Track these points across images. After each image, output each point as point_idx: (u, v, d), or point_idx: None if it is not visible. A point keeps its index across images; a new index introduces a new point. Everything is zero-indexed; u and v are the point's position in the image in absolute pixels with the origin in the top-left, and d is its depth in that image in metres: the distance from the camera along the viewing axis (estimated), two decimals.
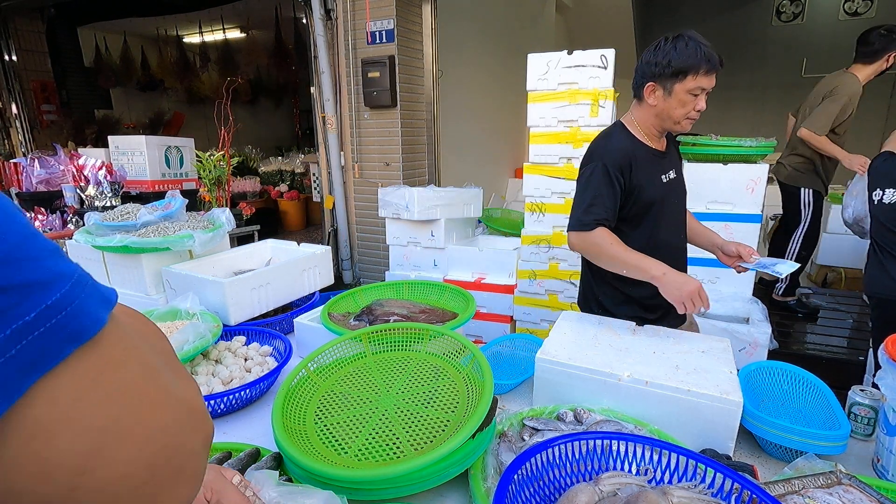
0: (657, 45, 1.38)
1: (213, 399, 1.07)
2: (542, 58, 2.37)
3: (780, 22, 8.27)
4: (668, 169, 1.51)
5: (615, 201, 1.42)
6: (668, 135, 1.56)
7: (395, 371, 1.04)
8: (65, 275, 0.26)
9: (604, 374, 1.03)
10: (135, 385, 0.29)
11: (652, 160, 1.48)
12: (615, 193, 1.42)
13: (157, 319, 1.39)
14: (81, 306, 0.26)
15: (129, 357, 0.29)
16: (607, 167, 1.41)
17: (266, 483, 0.66)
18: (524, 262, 2.63)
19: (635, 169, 1.43)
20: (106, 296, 0.29)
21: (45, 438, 0.24)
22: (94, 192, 3.01)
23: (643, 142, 1.48)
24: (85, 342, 0.26)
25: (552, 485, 0.76)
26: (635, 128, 1.49)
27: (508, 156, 6.50)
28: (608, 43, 2.65)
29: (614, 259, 1.38)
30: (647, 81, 1.40)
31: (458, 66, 4.74)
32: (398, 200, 2.79)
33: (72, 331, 0.25)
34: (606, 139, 1.50)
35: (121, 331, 0.29)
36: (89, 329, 0.26)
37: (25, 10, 5.47)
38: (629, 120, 1.51)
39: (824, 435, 0.90)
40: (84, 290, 0.27)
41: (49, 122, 5.88)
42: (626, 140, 1.47)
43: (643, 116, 1.47)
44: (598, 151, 1.47)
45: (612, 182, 1.41)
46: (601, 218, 1.39)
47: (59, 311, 0.24)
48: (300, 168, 6.19)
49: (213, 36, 7.20)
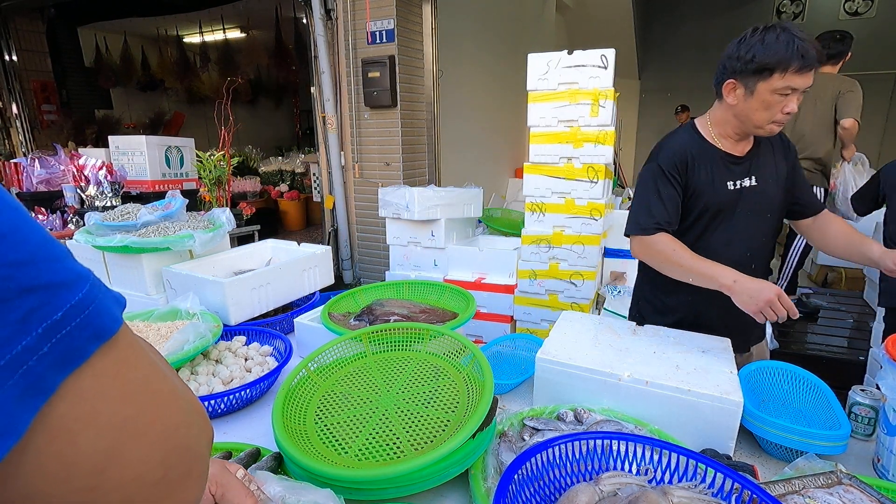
0: (742, 38, 1.24)
1: (214, 399, 1.07)
2: (543, 58, 2.37)
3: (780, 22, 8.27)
4: (743, 175, 1.35)
5: (676, 203, 1.33)
6: (773, 138, 1.38)
7: (396, 371, 1.04)
8: (83, 275, 0.26)
9: (604, 373, 1.03)
10: (148, 384, 0.29)
11: (719, 164, 1.34)
12: (674, 195, 1.33)
13: (158, 319, 1.39)
14: (102, 305, 0.27)
15: (141, 357, 0.29)
16: (662, 168, 1.33)
17: (269, 479, 0.66)
18: (524, 262, 2.63)
19: (694, 169, 1.33)
20: (118, 298, 0.30)
21: (68, 438, 0.24)
22: (94, 192, 3.01)
23: (712, 143, 1.36)
24: (106, 340, 0.27)
25: (552, 485, 0.76)
26: (707, 128, 1.38)
27: (508, 156, 6.51)
28: (608, 43, 2.65)
29: (679, 266, 1.27)
30: (727, 78, 1.27)
31: (458, 66, 4.74)
32: (398, 200, 2.79)
33: (95, 329, 0.26)
34: (667, 138, 1.41)
35: (131, 332, 0.30)
36: (110, 327, 0.27)
37: (25, 10, 5.47)
38: (703, 119, 1.40)
39: (825, 435, 0.90)
40: (101, 291, 0.27)
41: (49, 122, 5.88)
42: (689, 139, 1.36)
43: (720, 116, 1.35)
44: (656, 151, 1.40)
45: (669, 182, 1.32)
46: (662, 221, 1.31)
47: (83, 309, 0.25)
48: (300, 168, 6.20)
49: (214, 36, 7.20)
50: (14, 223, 0.23)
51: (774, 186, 1.38)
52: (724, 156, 1.35)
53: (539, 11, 6.63)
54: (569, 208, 2.46)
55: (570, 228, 2.48)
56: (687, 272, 1.26)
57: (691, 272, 1.25)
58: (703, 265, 1.23)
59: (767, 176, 1.37)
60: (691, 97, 8.95)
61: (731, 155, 1.36)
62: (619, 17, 7.47)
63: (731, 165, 1.35)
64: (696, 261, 1.25)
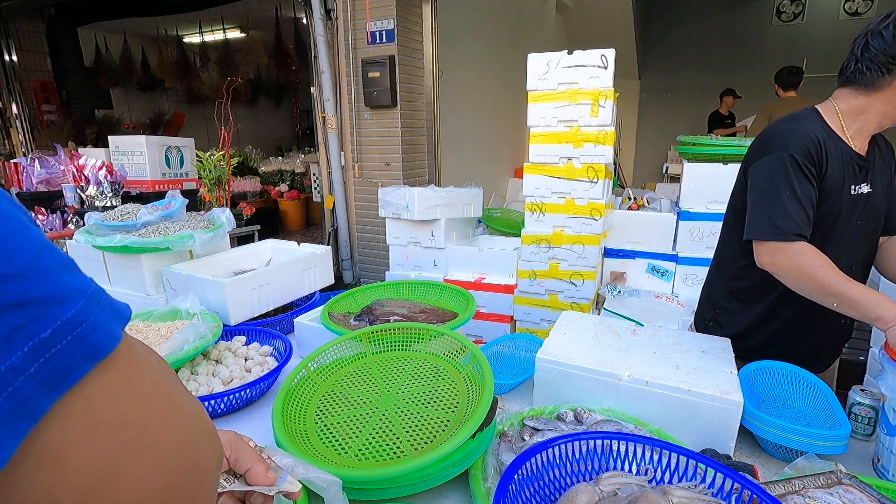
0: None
1: (213, 399, 1.07)
2: (542, 58, 2.37)
3: (780, 22, 8.27)
4: (863, 181, 1.19)
5: (813, 204, 1.12)
6: (877, 136, 1.24)
7: (395, 371, 1.04)
8: (80, 290, 0.25)
9: (604, 373, 1.03)
10: (149, 403, 0.28)
11: (848, 164, 1.17)
12: (812, 194, 1.12)
13: (157, 319, 1.39)
14: (97, 322, 0.25)
15: (144, 374, 0.28)
16: (796, 159, 1.11)
17: (278, 451, 0.67)
18: (524, 262, 2.63)
19: (827, 165, 1.14)
20: (120, 311, 0.28)
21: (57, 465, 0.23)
22: (94, 192, 3.01)
23: (843, 139, 1.18)
24: (102, 359, 0.25)
25: (552, 485, 0.76)
26: (837, 120, 1.18)
27: (508, 156, 6.50)
28: (608, 43, 2.65)
29: (826, 288, 1.06)
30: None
31: (458, 66, 4.74)
32: (398, 200, 2.79)
33: (89, 347, 0.25)
34: (791, 123, 1.18)
35: (133, 347, 0.29)
36: (107, 345, 0.26)
37: (25, 10, 5.47)
38: (829, 109, 1.19)
39: (825, 435, 0.90)
40: (99, 306, 0.26)
41: (49, 122, 5.88)
42: (821, 129, 1.16)
43: (864, 106, 1.14)
44: (782, 138, 1.15)
45: (805, 178, 1.11)
46: (803, 226, 1.10)
47: (75, 327, 0.24)
48: (300, 168, 6.20)
49: (213, 36, 7.21)
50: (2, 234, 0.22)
51: (883, 195, 1.24)
52: (853, 155, 1.18)
53: (539, 11, 6.63)
54: (569, 208, 2.46)
55: (570, 228, 2.48)
56: (834, 296, 1.05)
57: (841, 297, 1.04)
58: (857, 289, 1.03)
59: (880, 183, 1.23)
60: (691, 97, 8.96)
61: (860, 155, 1.19)
62: (619, 17, 7.47)
63: (857, 167, 1.19)
64: (849, 283, 1.04)
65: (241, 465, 0.56)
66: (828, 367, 1.39)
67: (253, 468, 0.56)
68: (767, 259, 1.16)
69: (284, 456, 0.67)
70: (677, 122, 8.77)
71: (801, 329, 1.30)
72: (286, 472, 0.60)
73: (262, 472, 0.56)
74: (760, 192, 1.18)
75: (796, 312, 1.28)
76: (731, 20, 8.59)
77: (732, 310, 1.40)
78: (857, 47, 1.12)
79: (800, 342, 1.31)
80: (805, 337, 1.31)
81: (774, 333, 1.33)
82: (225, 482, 0.55)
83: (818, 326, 1.29)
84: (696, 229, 2.62)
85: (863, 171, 1.20)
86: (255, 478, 0.56)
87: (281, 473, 0.59)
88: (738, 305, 1.38)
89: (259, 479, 0.56)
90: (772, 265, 1.15)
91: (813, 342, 1.31)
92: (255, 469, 0.56)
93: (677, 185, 3.16)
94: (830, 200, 1.17)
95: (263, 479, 0.56)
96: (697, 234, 2.62)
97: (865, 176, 1.20)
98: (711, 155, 2.57)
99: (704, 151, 2.58)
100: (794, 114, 1.23)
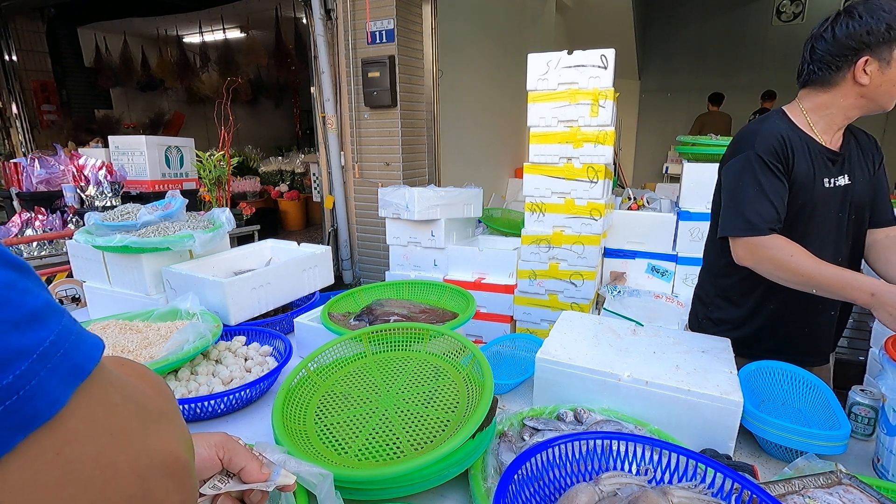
0: (852, 14, 1.12)
1: (213, 399, 1.07)
2: (542, 58, 2.37)
3: (780, 22, 8.27)
4: (839, 173, 1.24)
5: (782, 198, 1.17)
6: (855, 130, 1.30)
7: (395, 371, 1.04)
8: (25, 351, 0.23)
9: (604, 374, 1.03)
10: (100, 458, 0.26)
11: (818, 158, 1.22)
12: (780, 187, 1.17)
13: (158, 319, 1.39)
14: (38, 388, 0.23)
15: (100, 427, 0.27)
16: (761, 157, 1.18)
17: (268, 447, 0.68)
18: (524, 262, 2.63)
19: (794, 161, 1.19)
20: (77, 366, 0.26)
21: None
22: (94, 192, 3.01)
23: (810, 134, 1.23)
24: (40, 426, 0.23)
25: (552, 485, 0.76)
26: (802, 117, 1.24)
27: (508, 156, 6.50)
28: (608, 43, 2.65)
29: (800, 275, 1.10)
30: (860, 56, 1.12)
31: (458, 66, 4.74)
32: (398, 200, 2.79)
33: (23, 417, 0.22)
34: (757, 124, 1.25)
35: (92, 398, 0.27)
36: (43, 413, 0.23)
37: (25, 10, 5.48)
38: (794, 108, 1.26)
39: (824, 435, 0.90)
40: (48, 366, 0.24)
41: (49, 122, 5.89)
42: (786, 127, 1.22)
43: (827, 102, 1.20)
44: (748, 138, 1.22)
45: (772, 173, 1.17)
46: (772, 220, 1.15)
47: (10, 395, 0.22)
48: (300, 168, 6.21)
49: (213, 36, 7.21)
50: None
51: (866, 187, 1.27)
52: (822, 149, 1.22)
53: (539, 11, 6.63)
54: (569, 208, 2.46)
55: (570, 228, 2.48)
56: (809, 281, 1.09)
57: (815, 281, 1.08)
58: (831, 272, 1.06)
59: (860, 175, 1.26)
60: (691, 97, 8.96)
61: (829, 149, 1.23)
62: (619, 17, 7.47)
63: (829, 161, 1.23)
64: (820, 266, 1.07)
65: (234, 464, 0.57)
66: (824, 359, 1.40)
67: (247, 466, 0.57)
68: (743, 254, 1.21)
69: (275, 451, 0.67)
70: (677, 123, 8.76)
71: (788, 321, 1.33)
72: (279, 466, 0.61)
73: (256, 469, 0.58)
74: (731, 191, 1.24)
75: (782, 306, 1.31)
76: (731, 20, 8.59)
77: (722, 306, 1.43)
78: (807, 51, 1.22)
79: (790, 335, 1.34)
80: (794, 329, 1.33)
81: (764, 327, 1.36)
82: (220, 483, 0.56)
83: (805, 318, 1.32)
84: (695, 229, 2.62)
85: (836, 164, 1.24)
86: (251, 475, 0.57)
87: (274, 468, 0.61)
88: (726, 302, 1.42)
89: (254, 477, 0.57)
90: (747, 260, 1.20)
91: (803, 334, 1.34)
92: (250, 467, 0.57)
93: (677, 185, 3.16)
94: (803, 194, 1.21)
95: (258, 476, 0.58)
96: (697, 234, 2.62)
97: (841, 168, 1.25)
98: (711, 155, 2.58)
99: (704, 151, 2.59)
100: (762, 116, 1.31)
